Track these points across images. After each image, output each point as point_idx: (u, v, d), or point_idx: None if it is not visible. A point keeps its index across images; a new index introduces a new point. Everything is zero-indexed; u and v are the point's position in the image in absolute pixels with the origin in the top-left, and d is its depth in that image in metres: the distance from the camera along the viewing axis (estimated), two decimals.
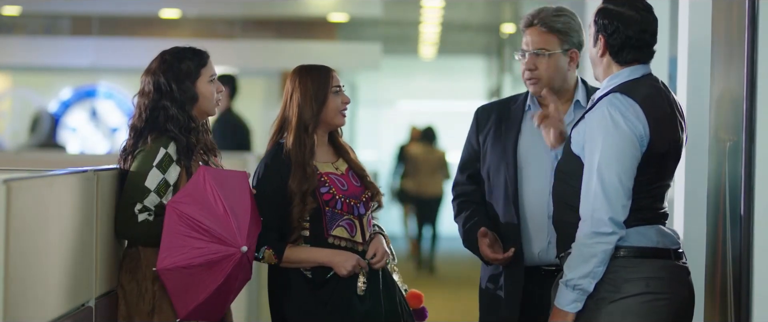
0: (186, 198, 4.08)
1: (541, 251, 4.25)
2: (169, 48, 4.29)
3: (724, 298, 4.33)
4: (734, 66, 4.25)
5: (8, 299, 3.21)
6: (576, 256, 3.76)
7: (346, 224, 4.32)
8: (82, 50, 15.32)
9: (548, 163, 4.23)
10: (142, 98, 4.23)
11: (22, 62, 15.67)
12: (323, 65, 4.40)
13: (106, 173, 4.11)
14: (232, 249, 4.08)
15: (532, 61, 4.25)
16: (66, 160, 8.32)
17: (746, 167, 4.10)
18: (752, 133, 4.09)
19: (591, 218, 3.74)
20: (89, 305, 3.95)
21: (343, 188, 4.34)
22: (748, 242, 4.08)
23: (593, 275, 3.74)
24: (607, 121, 3.77)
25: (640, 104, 3.79)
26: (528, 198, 4.27)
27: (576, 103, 4.28)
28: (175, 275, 4.06)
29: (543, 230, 4.23)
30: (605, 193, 3.73)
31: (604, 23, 3.88)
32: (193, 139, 4.21)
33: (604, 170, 3.74)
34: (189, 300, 4.10)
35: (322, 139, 4.39)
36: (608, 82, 3.91)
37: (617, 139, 3.75)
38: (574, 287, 3.76)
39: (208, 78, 4.28)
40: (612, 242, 3.74)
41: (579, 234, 3.76)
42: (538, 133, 4.23)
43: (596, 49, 3.92)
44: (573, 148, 3.86)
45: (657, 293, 3.78)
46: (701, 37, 4.69)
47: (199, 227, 4.06)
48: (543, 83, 4.24)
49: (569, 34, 4.24)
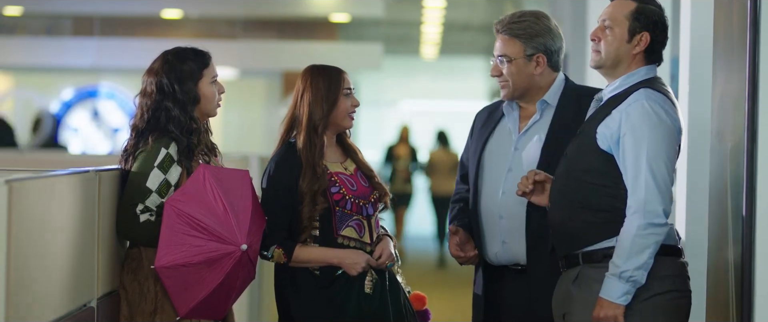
0: (185, 196, 4.08)
1: (498, 251, 4.30)
2: (171, 48, 4.29)
3: (726, 298, 4.33)
4: (736, 66, 4.25)
5: (10, 299, 3.21)
6: (628, 248, 3.75)
7: (355, 224, 4.32)
8: (83, 50, 15.33)
9: (504, 166, 4.28)
10: (144, 99, 4.23)
11: (24, 63, 15.69)
12: (335, 67, 4.40)
13: (108, 173, 4.11)
14: (231, 247, 4.08)
15: (497, 67, 4.30)
16: (68, 160, 8.32)
17: (748, 167, 4.10)
18: (754, 134, 4.09)
19: (643, 210, 3.74)
20: (91, 306, 3.95)
21: (353, 188, 4.34)
22: (750, 242, 4.07)
23: (646, 267, 3.75)
24: (650, 115, 3.79)
25: (669, 100, 3.85)
26: (484, 200, 4.32)
27: (541, 102, 4.29)
28: (173, 273, 4.06)
29: (495, 231, 4.28)
30: (657, 184, 3.75)
31: (653, 20, 3.90)
32: (194, 140, 4.21)
33: (653, 162, 3.76)
34: (189, 298, 4.10)
35: (330, 139, 4.40)
36: (625, 79, 3.92)
37: (662, 132, 3.79)
38: (628, 279, 3.75)
39: (210, 79, 4.28)
40: (663, 234, 3.77)
41: (630, 226, 3.76)
42: (506, 136, 4.31)
43: (631, 45, 3.92)
44: (600, 144, 3.86)
45: (681, 290, 3.85)
46: (703, 37, 4.69)
47: (198, 225, 4.06)
48: (511, 87, 4.27)
49: (532, 38, 4.25)
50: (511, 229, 4.23)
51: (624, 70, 3.93)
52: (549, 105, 4.29)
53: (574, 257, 3.91)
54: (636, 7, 3.92)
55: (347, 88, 4.35)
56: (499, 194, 4.26)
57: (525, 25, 4.26)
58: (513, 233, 4.23)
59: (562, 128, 4.21)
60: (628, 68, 3.93)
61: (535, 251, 4.19)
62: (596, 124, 3.89)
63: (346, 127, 4.40)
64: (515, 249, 4.24)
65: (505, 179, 4.27)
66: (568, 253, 3.94)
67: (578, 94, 4.29)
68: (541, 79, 4.28)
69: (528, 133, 4.29)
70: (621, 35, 3.92)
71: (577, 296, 3.88)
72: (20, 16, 15.73)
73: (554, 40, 4.28)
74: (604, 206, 3.85)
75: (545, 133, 4.25)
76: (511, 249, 4.25)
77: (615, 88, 3.93)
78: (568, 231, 3.94)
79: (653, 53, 3.93)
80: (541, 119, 4.28)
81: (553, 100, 4.29)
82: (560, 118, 4.25)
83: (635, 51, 3.92)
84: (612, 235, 3.83)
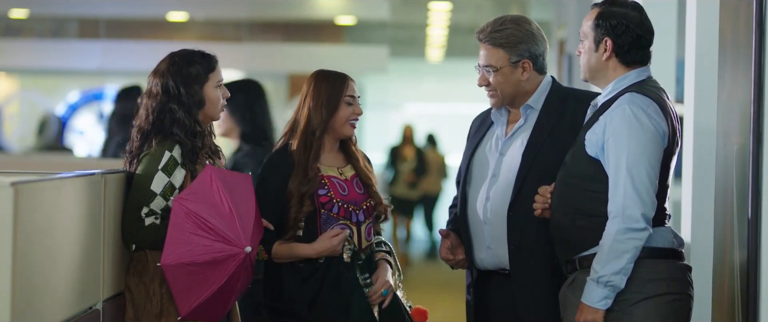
0: (193, 196, 4.08)
1: (483, 257, 4.29)
2: (178, 50, 4.30)
3: (732, 301, 4.32)
4: (742, 68, 4.25)
5: (16, 302, 3.22)
6: (607, 253, 3.75)
7: (341, 229, 4.32)
8: (89, 53, 15.34)
9: (489, 172, 4.27)
10: (149, 100, 4.23)
11: (30, 65, 15.70)
12: (341, 73, 4.38)
13: (114, 176, 4.11)
14: (236, 249, 4.08)
15: (484, 77, 4.29)
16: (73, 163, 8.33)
17: (754, 169, 4.10)
18: (760, 136, 4.09)
19: (622, 215, 3.74)
20: (96, 308, 3.95)
21: (343, 192, 4.33)
22: (756, 244, 4.07)
23: (625, 272, 3.75)
24: (631, 120, 3.77)
25: (657, 103, 3.81)
26: (470, 206, 4.32)
27: (525, 107, 4.28)
28: (178, 271, 4.06)
29: (481, 236, 4.28)
30: (636, 189, 3.74)
31: (612, 24, 3.87)
32: (198, 143, 4.21)
33: (633, 167, 3.74)
34: (191, 298, 4.10)
35: (331, 144, 4.39)
36: (615, 84, 3.91)
37: (643, 137, 3.76)
38: (606, 284, 3.76)
39: (215, 83, 4.28)
40: (643, 239, 3.75)
41: (609, 231, 3.76)
42: (494, 142, 4.31)
43: (599, 53, 3.91)
44: (588, 150, 3.86)
45: (677, 293, 3.82)
46: (709, 40, 4.68)
47: (205, 225, 4.06)
48: (500, 96, 4.27)
49: (516, 45, 4.24)
50: (495, 235, 4.23)
51: (610, 77, 3.93)
52: (533, 109, 4.28)
53: (572, 262, 3.92)
54: (597, 13, 3.91)
55: (350, 95, 4.32)
56: (484, 200, 4.26)
57: (507, 33, 4.24)
58: (496, 239, 4.23)
59: (545, 131, 4.20)
60: (613, 75, 3.92)
61: (517, 257, 4.18)
62: (586, 131, 3.90)
63: (345, 134, 4.37)
64: (500, 255, 4.23)
65: (488, 184, 4.27)
66: (568, 258, 3.94)
67: (564, 96, 4.28)
68: (528, 83, 4.26)
69: (512, 138, 4.29)
70: (589, 46, 3.94)
71: (572, 300, 3.89)
72: (26, 19, 15.75)
73: (538, 44, 4.27)
74: (597, 212, 3.84)
75: (528, 137, 4.24)
76: (496, 254, 4.25)
77: (607, 94, 3.94)
78: (567, 237, 3.94)
79: (628, 55, 3.90)
80: (525, 124, 4.28)
81: (536, 104, 4.27)
82: (543, 121, 4.24)
83: (604, 58, 3.91)
84: None
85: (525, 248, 4.14)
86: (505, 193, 4.20)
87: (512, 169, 4.21)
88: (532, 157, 4.17)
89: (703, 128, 4.60)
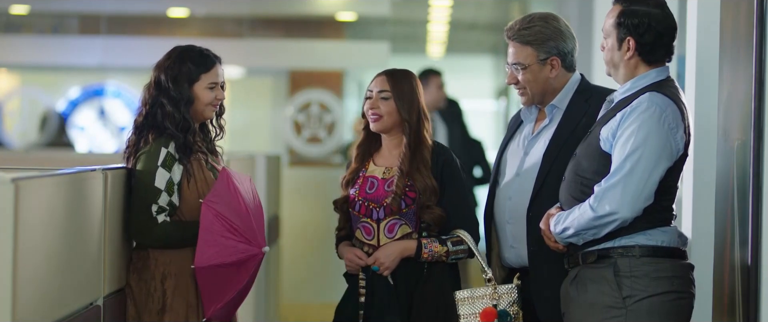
0: (218, 198, 4.12)
1: (508, 255, 4.29)
2: (183, 45, 4.31)
3: (732, 298, 4.32)
4: (742, 65, 4.25)
5: (16, 297, 3.22)
6: (577, 220, 3.82)
7: (362, 227, 4.34)
8: (90, 49, 15.32)
9: (515, 170, 4.27)
10: (146, 91, 4.28)
11: (31, 61, 15.69)
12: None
13: (115, 171, 4.12)
14: (255, 249, 4.12)
15: (513, 75, 4.27)
16: (74, 159, 8.34)
17: (755, 166, 4.09)
18: (761, 132, 4.08)
19: (601, 198, 3.76)
20: (97, 304, 3.95)
21: (370, 190, 4.34)
22: (757, 241, 4.07)
23: (582, 239, 3.84)
24: (648, 119, 3.76)
25: (676, 104, 3.80)
26: (497, 205, 4.32)
27: (550, 106, 4.27)
28: (210, 272, 4.10)
29: (505, 235, 4.28)
30: (625, 188, 3.74)
31: (634, 23, 3.85)
32: (190, 138, 4.22)
33: (636, 165, 3.74)
34: (217, 299, 4.13)
35: (393, 142, 4.40)
36: (634, 82, 3.89)
37: (657, 142, 3.76)
38: (563, 239, 3.89)
39: (207, 84, 4.27)
40: (609, 227, 3.79)
41: (585, 209, 3.79)
42: (520, 141, 4.31)
43: (622, 52, 3.90)
44: (602, 145, 3.85)
45: (680, 291, 3.83)
46: (709, 36, 4.68)
47: (231, 226, 4.09)
48: (529, 94, 4.26)
49: (544, 43, 4.22)
50: (516, 234, 4.23)
51: (629, 75, 3.91)
52: (558, 108, 4.26)
53: (575, 257, 3.91)
54: (620, 11, 3.89)
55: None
56: (507, 198, 4.26)
57: (535, 30, 4.22)
58: (517, 238, 4.23)
59: (567, 131, 4.19)
60: (632, 73, 3.91)
61: (536, 256, 4.17)
62: (601, 126, 3.88)
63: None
64: (522, 254, 4.23)
65: (512, 183, 4.26)
66: (571, 253, 3.94)
67: (589, 94, 4.26)
68: (556, 81, 4.25)
69: (537, 138, 4.28)
70: (612, 44, 3.92)
71: (574, 296, 3.90)
72: (27, 15, 15.74)
73: (566, 42, 4.25)
74: None
75: (550, 136, 4.24)
76: (518, 253, 4.24)
77: (625, 91, 3.91)
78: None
79: (651, 54, 3.89)
80: (549, 123, 4.27)
81: (562, 104, 4.26)
82: (567, 120, 4.23)
83: (627, 56, 3.89)
84: (611, 237, 3.83)
85: (544, 249, 4.08)
86: (526, 192, 4.19)
87: (533, 168, 4.20)
88: (553, 157, 4.16)
89: (704, 125, 4.60)
